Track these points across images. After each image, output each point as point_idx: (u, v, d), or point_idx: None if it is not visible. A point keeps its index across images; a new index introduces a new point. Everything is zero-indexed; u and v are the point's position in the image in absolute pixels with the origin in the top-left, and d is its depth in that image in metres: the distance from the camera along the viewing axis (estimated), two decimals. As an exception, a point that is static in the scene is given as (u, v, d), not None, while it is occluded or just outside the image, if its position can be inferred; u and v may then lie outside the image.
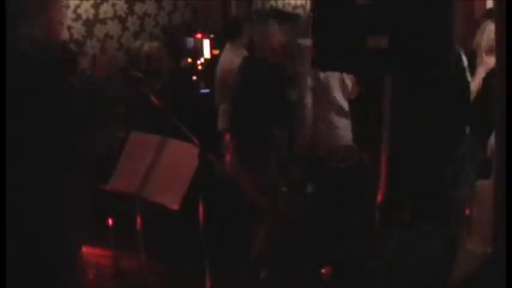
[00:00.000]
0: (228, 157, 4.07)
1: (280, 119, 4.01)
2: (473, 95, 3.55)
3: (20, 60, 2.32)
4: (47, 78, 2.36)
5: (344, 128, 4.05)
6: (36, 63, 2.36)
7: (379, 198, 2.82)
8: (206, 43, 6.38)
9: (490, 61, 3.63)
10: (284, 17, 4.50)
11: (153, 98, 4.20)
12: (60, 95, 2.38)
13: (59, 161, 2.39)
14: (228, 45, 5.30)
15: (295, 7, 7.70)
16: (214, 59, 6.12)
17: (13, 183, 2.26)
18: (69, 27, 6.27)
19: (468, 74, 3.88)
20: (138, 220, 3.89)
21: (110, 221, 4.19)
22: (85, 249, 4.51)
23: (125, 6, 6.65)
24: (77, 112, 2.43)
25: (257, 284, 4.10)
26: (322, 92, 4.08)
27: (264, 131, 3.91)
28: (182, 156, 3.46)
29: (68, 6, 6.23)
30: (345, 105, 4.05)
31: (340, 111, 4.06)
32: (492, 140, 3.11)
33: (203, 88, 6.05)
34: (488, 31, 3.64)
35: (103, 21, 6.51)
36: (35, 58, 2.37)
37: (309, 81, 4.12)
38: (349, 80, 3.98)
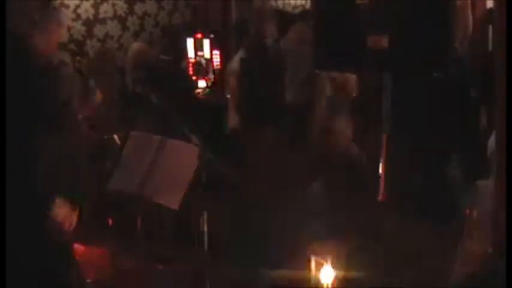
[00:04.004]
0: None
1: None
2: None
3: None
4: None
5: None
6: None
7: (379, 198, 2.82)
8: (206, 43, 6.38)
9: None
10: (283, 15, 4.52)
11: (153, 98, 4.21)
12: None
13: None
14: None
15: (295, 7, 7.69)
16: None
17: None
18: (69, 27, 6.26)
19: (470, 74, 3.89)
20: (138, 220, 3.89)
21: (110, 221, 4.18)
22: (85, 249, 4.52)
23: (125, 6, 6.64)
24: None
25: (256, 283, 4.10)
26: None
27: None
28: (182, 156, 3.46)
29: (68, 6, 6.23)
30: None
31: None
32: (492, 140, 3.11)
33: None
34: None
35: (103, 21, 6.50)
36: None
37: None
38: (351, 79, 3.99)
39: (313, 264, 2.93)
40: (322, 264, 2.86)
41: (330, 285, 2.77)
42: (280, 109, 4.37)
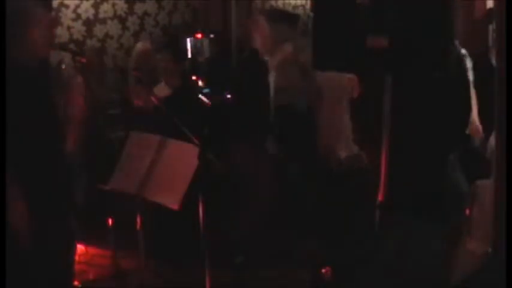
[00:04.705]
0: None
1: None
2: None
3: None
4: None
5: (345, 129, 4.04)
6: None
7: (379, 198, 2.82)
8: (206, 43, 6.37)
9: None
10: (282, 16, 4.51)
11: (153, 98, 4.21)
12: None
13: None
14: None
15: (295, 7, 7.69)
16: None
17: None
18: (69, 27, 6.26)
19: (470, 74, 3.88)
20: (138, 220, 3.89)
21: (110, 221, 4.18)
22: (85, 249, 4.52)
23: (125, 6, 6.64)
24: None
25: (257, 283, 4.11)
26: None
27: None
28: (182, 156, 3.46)
29: (68, 6, 6.23)
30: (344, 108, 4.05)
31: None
32: (492, 140, 3.11)
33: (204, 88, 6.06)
34: None
35: (103, 21, 6.50)
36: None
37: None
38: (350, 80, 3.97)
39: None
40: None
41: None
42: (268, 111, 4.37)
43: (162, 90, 4.60)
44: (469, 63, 4.32)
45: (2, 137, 2.52)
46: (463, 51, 4.33)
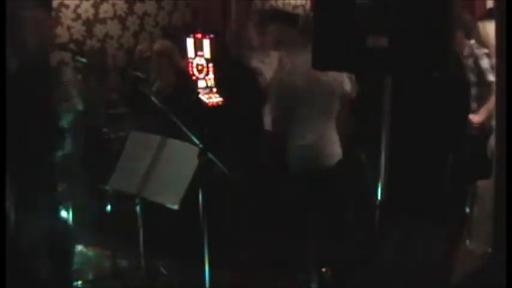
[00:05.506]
0: None
1: None
2: None
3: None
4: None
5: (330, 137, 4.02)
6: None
7: (379, 198, 2.82)
8: (206, 43, 6.37)
9: None
10: (281, 16, 4.51)
11: (153, 98, 4.21)
12: None
13: None
14: None
15: (295, 7, 7.69)
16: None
17: None
18: (69, 27, 6.26)
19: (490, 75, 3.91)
20: (138, 220, 3.89)
21: (110, 221, 4.19)
22: (85, 249, 4.53)
23: (125, 6, 6.64)
24: None
25: (257, 283, 4.11)
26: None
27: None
28: (182, 156, 3.46)
29: (68, 6, 6.23)
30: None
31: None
32: (492, 140, 3.11)
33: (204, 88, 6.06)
34: None
35: (103, 21, 6.50)
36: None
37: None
38: (348, 80, 3.96)
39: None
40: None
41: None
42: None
43: (162, 90, 4.60)
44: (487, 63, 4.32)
45: (2, 137, 2.52)
46: (485, 50, 4.32)
